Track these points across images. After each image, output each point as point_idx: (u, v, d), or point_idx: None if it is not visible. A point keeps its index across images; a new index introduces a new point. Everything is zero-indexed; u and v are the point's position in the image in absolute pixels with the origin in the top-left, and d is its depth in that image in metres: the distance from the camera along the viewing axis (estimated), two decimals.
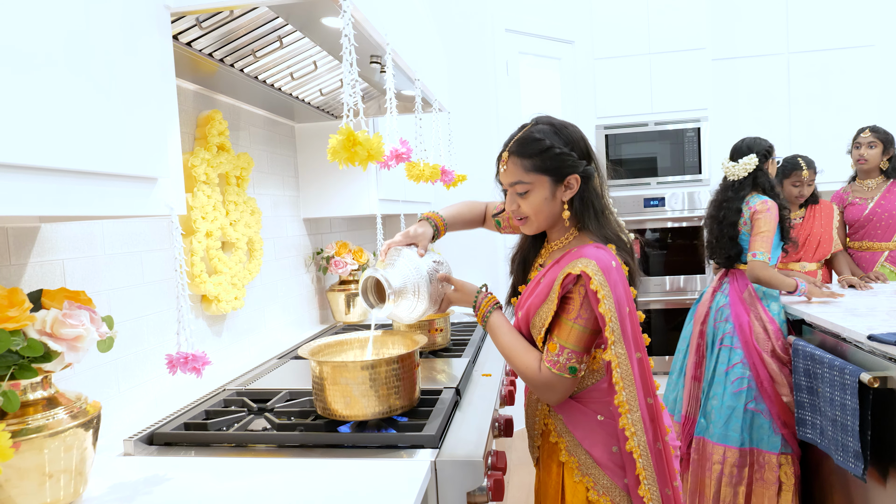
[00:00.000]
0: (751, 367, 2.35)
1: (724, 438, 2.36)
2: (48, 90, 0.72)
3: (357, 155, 0.98)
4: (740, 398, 2.35)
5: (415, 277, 1.28)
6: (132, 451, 1.18)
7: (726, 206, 2.46)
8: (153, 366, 1.45)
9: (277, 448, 1.17)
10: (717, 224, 2.48)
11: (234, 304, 1.77)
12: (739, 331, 2.39)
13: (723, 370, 2.41)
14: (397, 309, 1.28)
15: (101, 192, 0.83)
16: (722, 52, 4.23)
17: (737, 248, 2.45)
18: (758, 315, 2.38)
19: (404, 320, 1.33)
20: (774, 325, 2.36)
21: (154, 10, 0.96)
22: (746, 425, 2.34)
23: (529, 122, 1.26)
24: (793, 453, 2.33)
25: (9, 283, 1.07)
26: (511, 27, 3.74)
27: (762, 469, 2.33)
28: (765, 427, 2.33)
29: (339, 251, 2.45)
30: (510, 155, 1.22)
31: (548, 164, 1.19)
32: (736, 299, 2.44)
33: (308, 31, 1.39)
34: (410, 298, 1.28)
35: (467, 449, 1.12)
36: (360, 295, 1.31)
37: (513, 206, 1.25)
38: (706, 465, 2.41)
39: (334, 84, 1.89)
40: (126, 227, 1.39)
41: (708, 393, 2.46)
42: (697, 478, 2.46)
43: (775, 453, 2.32)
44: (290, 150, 2.34)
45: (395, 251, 1.33)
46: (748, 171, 2.43)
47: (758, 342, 2.35)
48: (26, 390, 0.89)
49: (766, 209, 2.34)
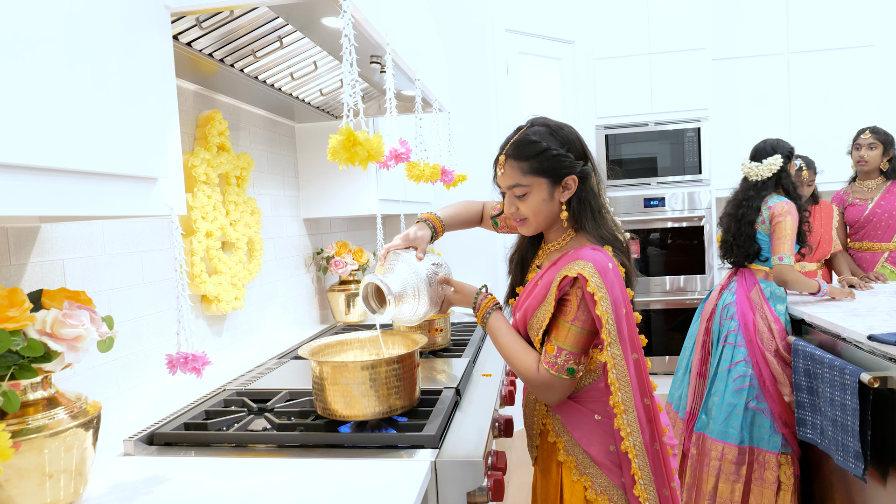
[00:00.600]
0: (753, 365, 2.35)
1: (724, 435, 2.36)
2: (48, 90, 0.72)
3: (357, 155, 0.98)
4: (741, 396, 2.35)
5: (414, 281, 1.28)
6: (132, 451, 1.18)
7: (746, 205, 2.46)
8: (153, 366, 1.45)
9: (277, 448, 1.17)
10: (735, 222, 2.48)
11: (234, 305, 1.77)
12: (744, 329, 2.39)
13: (725, 367, 2.42)
14: (398, 313, 1.29)
15: (102, 192, 0.83)
16: (722, 52, 4.22)
17: (754, 246, 2.45)
18: (763, 315, 2.39)
19: (406, 323, 1.34)
20: (779, 325, 2.36)
21: (154, 11, 0.96)
22: (747, 423, 2.34)
23: (525, 123, 1.26)
24: (793, 453, 2.33)
25: (9, 283, 1.07)
26: (511, 27, 3.74)
27: (762, 468, 2.33)
28: (765, 426, 2.33)
29: (339, 251, 2.45)
30: (507, 158, 1.22)
31: (545, 165, 1.19)
32: (743, 298, 2.44)
33: (308, 32, 1.39)
34: (411, 302, 1.28)
35: (467, 449, 1.12)
36: (362, 301, 1.31)
37: (511, 209, 1.25)
38: (704, 460, 2.42)
39: (334, 84, 1.89)
40: (126, 227, 1.39)
41: (710, 389, 2.47)
42: (696, 473, 2.46)
43: (775, 453, 2.31)
44: (290, 150, 2.34)
45: (394, 255, 1.33)
46: (773, 171, 2.44)
47: (762, 341, 2.35)
48: (26, 390, 0.89)
49: (787, 211, 2.34)
